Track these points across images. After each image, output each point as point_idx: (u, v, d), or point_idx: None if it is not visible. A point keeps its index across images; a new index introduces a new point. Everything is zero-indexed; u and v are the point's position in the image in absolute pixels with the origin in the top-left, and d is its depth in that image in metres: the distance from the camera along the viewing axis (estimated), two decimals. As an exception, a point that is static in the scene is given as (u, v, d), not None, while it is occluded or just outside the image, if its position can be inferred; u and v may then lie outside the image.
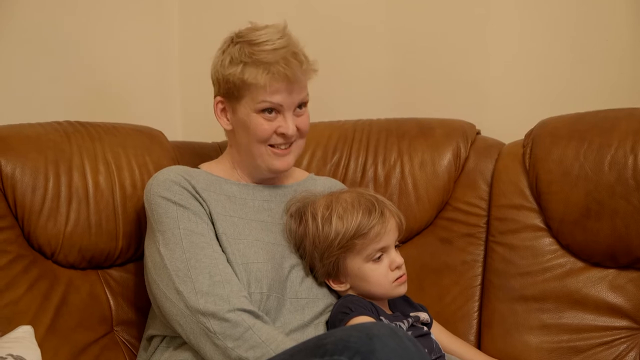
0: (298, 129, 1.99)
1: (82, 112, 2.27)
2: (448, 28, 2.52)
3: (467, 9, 2.50)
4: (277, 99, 1.94)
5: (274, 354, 1.72)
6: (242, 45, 1.94)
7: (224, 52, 1.98)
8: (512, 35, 2.46)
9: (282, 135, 1.97)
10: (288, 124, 1.96)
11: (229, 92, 1.97)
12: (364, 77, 2.61)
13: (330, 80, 2.61)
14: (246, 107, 1.96)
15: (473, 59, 2.50)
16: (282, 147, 1.99)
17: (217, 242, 1.90)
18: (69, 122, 2.13)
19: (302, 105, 1.99)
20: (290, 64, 1.91)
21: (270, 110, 1.95)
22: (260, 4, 2.64)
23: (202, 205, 1.92)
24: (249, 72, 1.92)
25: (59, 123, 2.11)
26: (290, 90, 1.94)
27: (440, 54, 2.54)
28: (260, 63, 1.91)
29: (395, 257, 1.92)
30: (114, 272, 2.11)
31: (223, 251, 1.89)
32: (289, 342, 1.75)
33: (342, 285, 1.95)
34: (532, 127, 2.24)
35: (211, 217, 1.92)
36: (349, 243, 1.89)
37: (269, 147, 1.98)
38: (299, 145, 2.02)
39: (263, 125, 1.96)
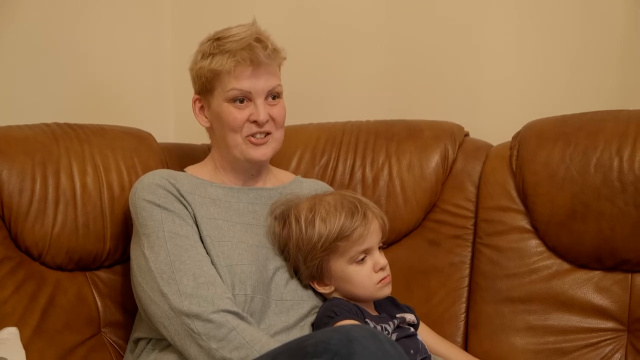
0: (273, 119, 2.01)
1: (74, 113, 2.28)
2: (439, 31, 2.52)
3: (458, 13, 2.50)
4: (244, 85, 1.97)
5: (258, 355, 1.73)
6: (212, 41, 2.00)
7: (197, 51, 2.03)
8: (502, 39, 2.47)
9: (255, 122, 1.98)
10: (259, 110, 1.98)
11: (202, 87, 2.01)
12: (353, 80, 2.61)
13: (320, 82, 2.63)
14: (218, 99, 1.99)
15: (463, 62, 2.50)
16: (258, 136, 2.00)
17: (201, 244, 1.91)
18: (57, 124, 2.13)
19: (275, 95, 2.01)
20: (254, 48, 1.95)
21: (241, 99, 1.98)
22: (253, 6, 2.63)
23: (186, 208, 1.94)
24: (215, 61, 1.97)
25: (47, 125, 2.12)
26: (257, 75, 1.97)
27: (431, 57, 2.54)
28: (226, 51, 1.96)
29: (379, 258, 1.93)
30: (102, 274, 2.12)
31: (207, 253, 1.90)
32: (273, 343, 1.76)
33: (326, 288, 1.96)
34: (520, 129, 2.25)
35: (195, 220, 1.93)
36: (332, 245, 1.90)
37: (245, 137, 2.00)
38: (276, 137, 2.03)
39: (234, 113, 1.98)
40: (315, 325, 1.93)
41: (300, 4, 2.66)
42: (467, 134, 2.36)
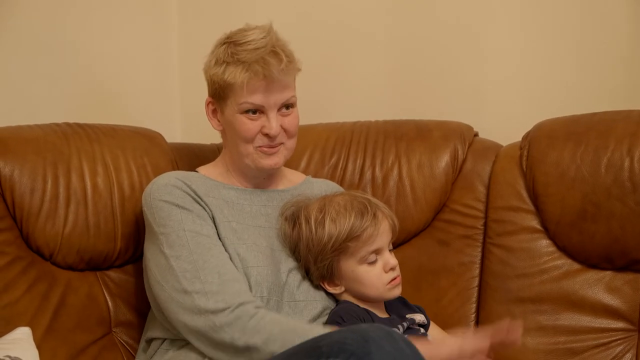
0: (285, 130, 1.99)
1: (82, 113, 2.28)
2: (446, 31, 2.52)
3: (465, 13, 2.50)
4: (256, 99, 1.95)
5: (279, 335, 1.74)
6: (227, 45, 1.96)
7: (212, 52, 2.00)
8: (510, 38, 2.47)
9: (267, 135, 1.97)
10: (271, 124, 1.96)
11: (216, 92, 2.00)
12: (362, 80, 2.61)
13: (329, 82, 2.63)
14: (231, 108, 1.98)
15: (471, 62, 2.50)
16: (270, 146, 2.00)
17: (221, 243, 1.91)
18: (67, 124, 2.13)
19: (288, 105, 1.99)
20: (268, 63, 1.92)
21: (253, 110, 1.96)
22: (259, 6, 2.64)
23: (204, 209, 1.93)
24: (229, 72, 1.94)
25: (57, 125, 2.12)
26: (269, 89, 1.95)
27: (438, 56, 2.54)
28: (239, 62, 1.93)
29: (389, 258, 1.93)
30: (113, 274, 2.12)
31: None
32: (292, 323, 1.78)
33: (336, 288, 1.96)
34: (530, 129, 2.24)
35: (214, 221, 1.93)
36: (342, 246, 1.90)
37: (257, 147, 1.99)
38: (288, 146, 2.02)
39: (247, 125, 1.97)
40: (326, 329, 1.93)
41: (308, 3, 2.65)
42: (476, 134, 2.36)
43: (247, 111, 1.96)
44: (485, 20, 2.49)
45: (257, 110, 1.96)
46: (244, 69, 1.92)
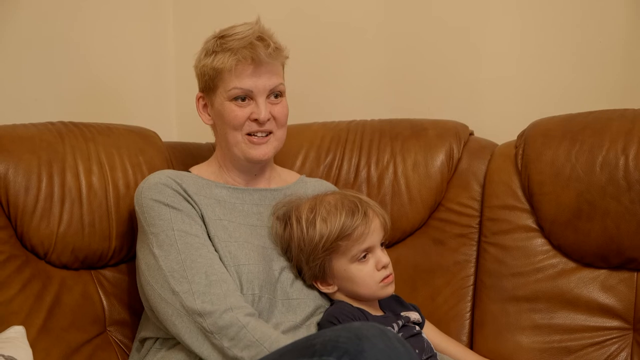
0: (274, 118, 2.01)
1: (78, 112, 2.28)
2: (442, 30, 2.52)
3: (461, 11, 2.50)
4: (245, 83, 1.97)
5: (267, 352, 1.73)
6: (217, 39, 2.00)
7: (202, 48, 2.04)
8: (506, 37, 2.47)
9: (256, 121, 1.99)
10: (260, 109, 1.98)
11: (206, 85, 2.02)
12: (358, 79, 2.61)
13: (324, 81, 2.63)
14: (220, 97, 2.00)
15: (466, 61, 2.50)
16: (259, 135, 2.01)
17: (210, 243, 1.91)
18: (62, 123, 2.13)
19: (277, 94, 2.02)
20: (255, 47, 1.96)
21: (243, 97, 1.98)
22: (254, 5, 2.63)
23: (194, 208, 1.93)
24: (217, 59, 1.97)
25: (52, 123, 2.12)
26: (258, 73, 1.97)
27: (434, 55, 2.54)
28: (228, 50, 1.97)
29: (381, 256, 1.93)
30: (107, 273, 2.12)
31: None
32: (282, 339, 1.76)
33: (329, 288, 1.96)
34: (525, 127, 2.24)
35: (203, 220, 1.93)
36: (334, 245, 1.90)
37: (246, 136, 2.00)
38: (277, 136, 2.03)
39: (235, 111, 1.99)
40: (320, 328, 1.92)
41: (304, 2, 2.65)
42: (471, 133, 2.36)
43: (236, 98, 1.98)
44: (481, 19, 2.49)
45: (245, 97, 1.98)
46: (232, 54, 1.96)
